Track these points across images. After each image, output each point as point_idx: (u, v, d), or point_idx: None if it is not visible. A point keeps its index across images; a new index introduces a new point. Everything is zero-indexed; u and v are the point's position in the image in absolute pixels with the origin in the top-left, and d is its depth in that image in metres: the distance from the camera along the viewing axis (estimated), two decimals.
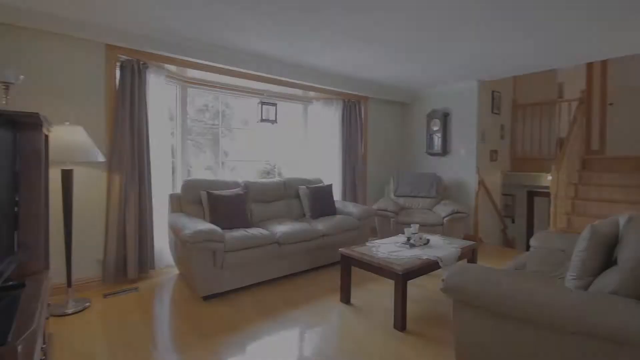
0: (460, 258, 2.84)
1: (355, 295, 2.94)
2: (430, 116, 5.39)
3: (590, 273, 1.62)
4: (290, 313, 2.61)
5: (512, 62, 3.94)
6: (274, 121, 4.27)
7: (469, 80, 4.92)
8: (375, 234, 4.73)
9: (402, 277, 2.32)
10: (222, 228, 3.06)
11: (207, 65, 3.53)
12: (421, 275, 2.53)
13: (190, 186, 3.31)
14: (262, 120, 4.19)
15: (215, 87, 4.09)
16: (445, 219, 4.23)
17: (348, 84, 4.69)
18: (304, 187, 4.09)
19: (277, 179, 4.13)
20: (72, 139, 2.56)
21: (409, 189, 4.93)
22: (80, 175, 2.93)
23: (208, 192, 3.21)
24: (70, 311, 2.57)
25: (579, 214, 4.50)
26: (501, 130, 5.60)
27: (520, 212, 7.56)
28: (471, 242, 3.07)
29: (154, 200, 3.33)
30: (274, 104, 4.26)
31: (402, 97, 5.56)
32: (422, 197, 4.89)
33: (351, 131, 4.98)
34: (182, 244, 2.62)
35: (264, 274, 3.13)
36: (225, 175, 4.61)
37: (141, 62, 3.21)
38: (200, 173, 4.60)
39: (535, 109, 5.87)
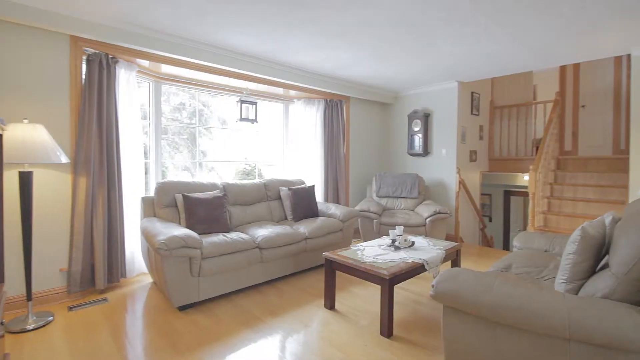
0: (444, 260, 2.81)
1: (340, 300, 2.86)
2: (412, 117, 5.40)
3: (580, 276, 1.60)
4: (272, 321, 2.49)
5: (493, 63, 3.96)
6: (254, 120, 4.12)
7: (450, 81, 4.95)
8: (358, 235, 4.67)
9: (389, 282, 2.25)
10: (199, 233, 2.90)
11: (182, 60, 3.35)
12: (408, 279, 2.47)
13: (165, 189, 3.12)
14: (242, 119, 4.03)
15: (191, 84, 3.90)
16: (428, 219, 4.22)
17: (330, 84, 4.61)
18: (286, 188, 3.98)
19: (257, 180, 3.99)
20: (31, 138, 2.33)
21: (391, 190, 4.91)
22: (41, 178, 2.69)
23: (184, 195, 3.03)
24: (30, 327, 2.34)
25: (555, 213, 4.62)
26: (480, 131, 5.68)
27: (496, 211, 7.76)
28: (455, 244, 3.05)
29: (125, 203, 3.12)
30: (254, 103, 4.11)
31: (383, 98, 5.53)
32: (403, 197, 4.87)
33: (333, 131, 4.89)
34: (155, 252, 2.45)
35: (245, 280, 2.98)
36: (203, 176, 4.43)
37: (110, 56, 2.99)
38: (177, 174, 4.40)
39: (512, 111, 6.01)
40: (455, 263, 3.07)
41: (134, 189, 3.24)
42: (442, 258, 2.75)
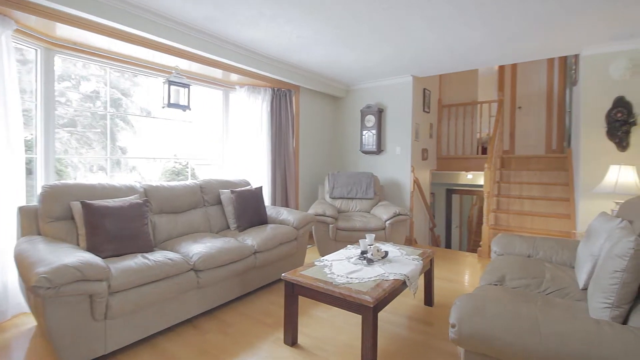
0: (422, 271, 2.43)
1: (303, 330, 2.29)
2: (365, 112, 5.04)
3: (628, 299, 1.26)
4: None
5: (458, 54, 3.71)
6: (186, 107, 3.33)
7: (405, 75, 4.69)
8: (311, 241, 4.15)
9: (374, 310, 1.75)
10: (107, 256, 2.10)
11: (86, 20, 2.46)
12: (391, 301, 2.01)
13: (55, 194, 2.22)
14: (170, 105, 3.22)
15: (101, 56, 2.98)
16: (388, 222, 3.86)
17: (278, 69, 4.00)
18: (228, 191, 3.28)
19: (191, 181, 3.22)
20: None
21: (346, 190, 4.48)
22: None
23: (83, 203, 2.18)
24: None
25: (504, 211, 4.62)
26: (430, 129, 5.56)
27: (439, 209, 7.87)
28: (429, 251, 2.70)
29: None
30: (186, 86, 3.32)
31: (335, 90, 5.08)
32: (358, 198, 4.48)
33: (282, 125, 4.29)
34: (30, 291, 1.62)
35: (175, 315, 2.25)
36: (122, 177, 3.51)
37: None
38: (88, 176, 3.43)
39: (459, 110, 6.03)
40: (430, 273, 2.71)
41: (8, 196, 2.28)
42: (420, 270, 2.36)
